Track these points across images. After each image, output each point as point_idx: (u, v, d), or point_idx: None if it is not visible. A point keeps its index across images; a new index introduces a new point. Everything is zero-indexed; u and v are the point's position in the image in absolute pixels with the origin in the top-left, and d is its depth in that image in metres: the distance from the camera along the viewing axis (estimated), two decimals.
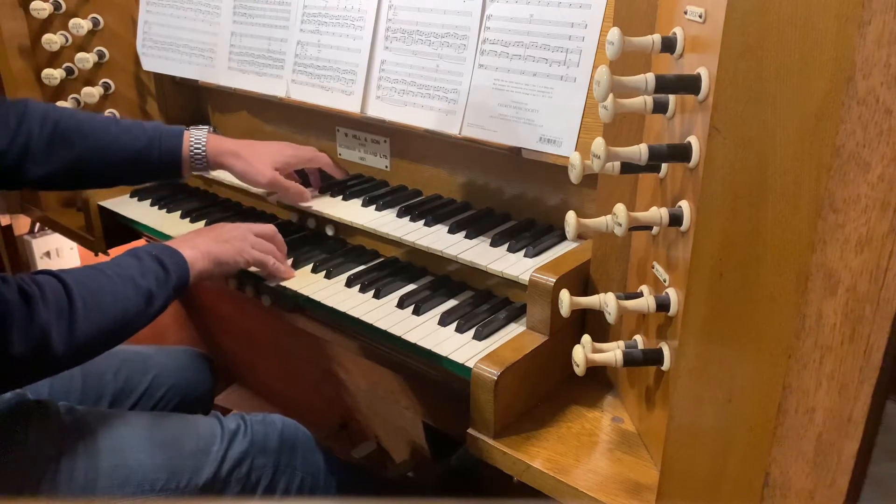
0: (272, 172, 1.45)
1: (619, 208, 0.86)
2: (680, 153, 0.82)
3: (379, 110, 1.45)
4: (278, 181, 1.45)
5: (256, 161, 1.45)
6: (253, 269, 1.36)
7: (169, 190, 1.78)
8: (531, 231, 1.32)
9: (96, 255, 1.80)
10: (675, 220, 0.85)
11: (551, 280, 1.07)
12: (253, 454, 1.31)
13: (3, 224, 2.17)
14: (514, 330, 1.17)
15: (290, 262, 1.39)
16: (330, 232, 1.51)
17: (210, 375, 1.66)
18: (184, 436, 1.29)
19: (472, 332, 1.16)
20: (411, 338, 1.17)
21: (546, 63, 1.22)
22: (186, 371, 1.60)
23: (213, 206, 1.69)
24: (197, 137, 1.44)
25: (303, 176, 1.57)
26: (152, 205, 1.71)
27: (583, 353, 0.92)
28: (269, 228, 1.37)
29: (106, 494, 1.17)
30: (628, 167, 0.89)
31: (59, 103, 1.86)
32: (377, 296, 1.28)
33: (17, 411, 1.22)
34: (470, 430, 1.06)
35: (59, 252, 2.25)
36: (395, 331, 1.18)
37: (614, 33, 0.82)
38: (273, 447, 1.34)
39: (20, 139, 1.34)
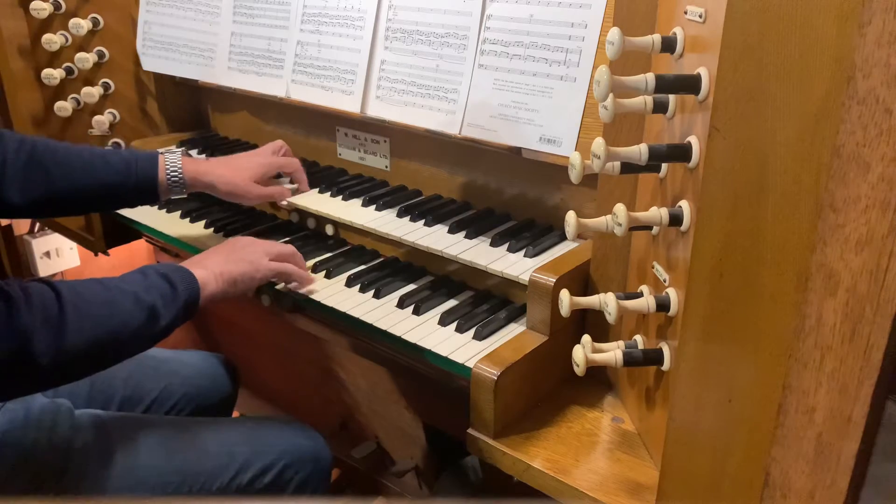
0: (257, 189, 1.48)
1: (619, 208, 0.86)
2: (680, 153, 0.82)
3: (379, 110, 1.45)
4: (263, 193, 1.49)
5: (238, 180, 1.46)
6: (275, 280, 1.33)
7: None
8: (531, 231, 1.32)
9: (96, 255, 1.81)
10: (675, 220, 0.85)
11: (551, 280, 1.07)
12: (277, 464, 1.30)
13: (3, 224, 2.17)
14: (514, 330, 1.17)
15: None
16: (330, 232, 1.51)
17: (229, 381, 1.61)
18: (202, 440, 1.27)
19: (472, 332, 1.17)
20: (411, 338, 1.17)
21: (546, 63, 1.22)
22: (201, 379, 1.55)
23: (213, 206, 1.69)
24: (172, 161, 1.43)
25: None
26: (152, 205, 1.71)
27: (583, 353, 0.92)
28: (288, 248, 1.34)
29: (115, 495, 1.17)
30: (628, 167, 0.89)
31: (59, 103, 1.86)
32: (377, 296, 1.28)
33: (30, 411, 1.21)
34: (470, 430, 1.06)
35: (59, 252, 2.25)
36: (395, 331, 1.18)
37: (614, 33, 0.82)
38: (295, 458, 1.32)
39: None
